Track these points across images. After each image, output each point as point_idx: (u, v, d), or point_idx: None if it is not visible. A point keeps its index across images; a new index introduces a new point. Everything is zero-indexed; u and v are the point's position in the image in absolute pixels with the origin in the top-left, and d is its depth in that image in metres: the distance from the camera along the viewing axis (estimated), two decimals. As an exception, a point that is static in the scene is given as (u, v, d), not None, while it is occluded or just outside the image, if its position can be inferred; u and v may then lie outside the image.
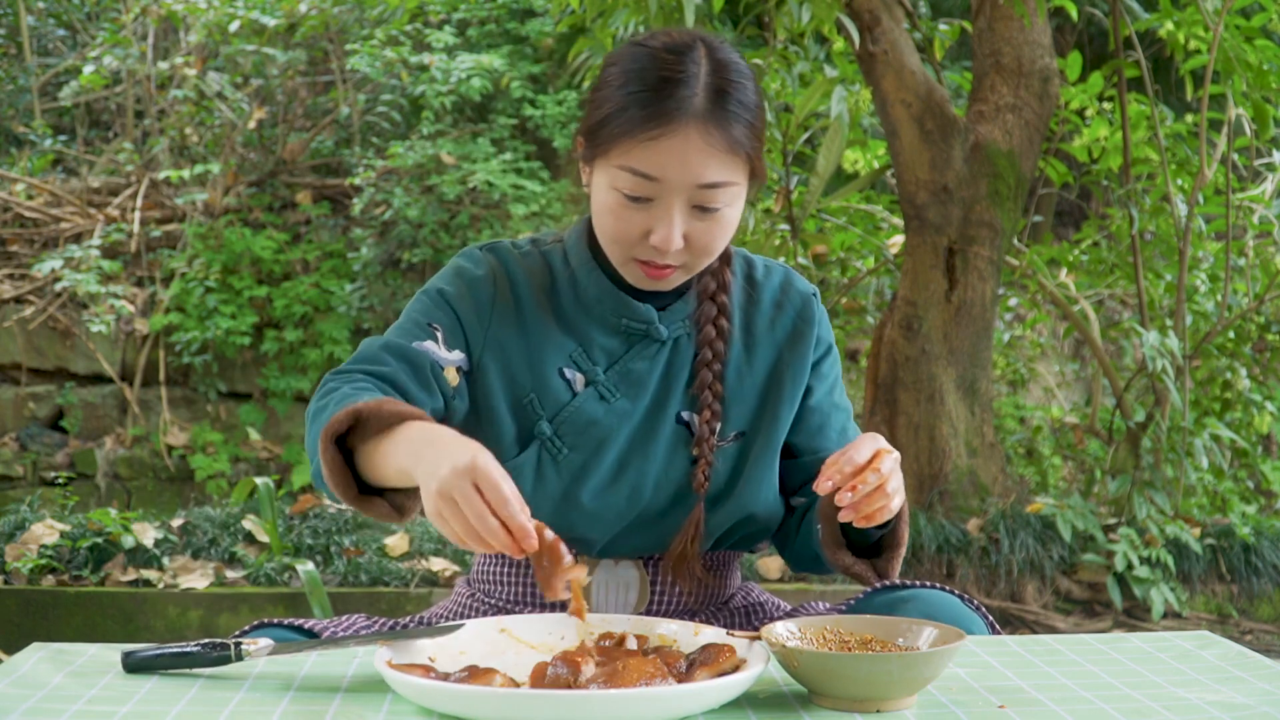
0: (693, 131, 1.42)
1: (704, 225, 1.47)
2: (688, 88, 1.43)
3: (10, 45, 7.31)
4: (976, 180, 4.29)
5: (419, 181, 6.13)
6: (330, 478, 1.39)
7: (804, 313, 1.64)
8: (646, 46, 1.48)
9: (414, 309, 1.57)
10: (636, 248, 1.49)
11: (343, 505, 1.46)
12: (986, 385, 4.44)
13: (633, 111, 1.43)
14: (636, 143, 1.43)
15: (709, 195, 1.45)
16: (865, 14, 4.19)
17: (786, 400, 1.61)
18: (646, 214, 1.46)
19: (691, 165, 1.42)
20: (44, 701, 1.19)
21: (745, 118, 1.46)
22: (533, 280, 1.59)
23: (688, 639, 1.34)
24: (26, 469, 5.81)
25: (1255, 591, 4.21)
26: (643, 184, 1.44)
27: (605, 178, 1.47)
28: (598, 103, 1.49)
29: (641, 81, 1.44)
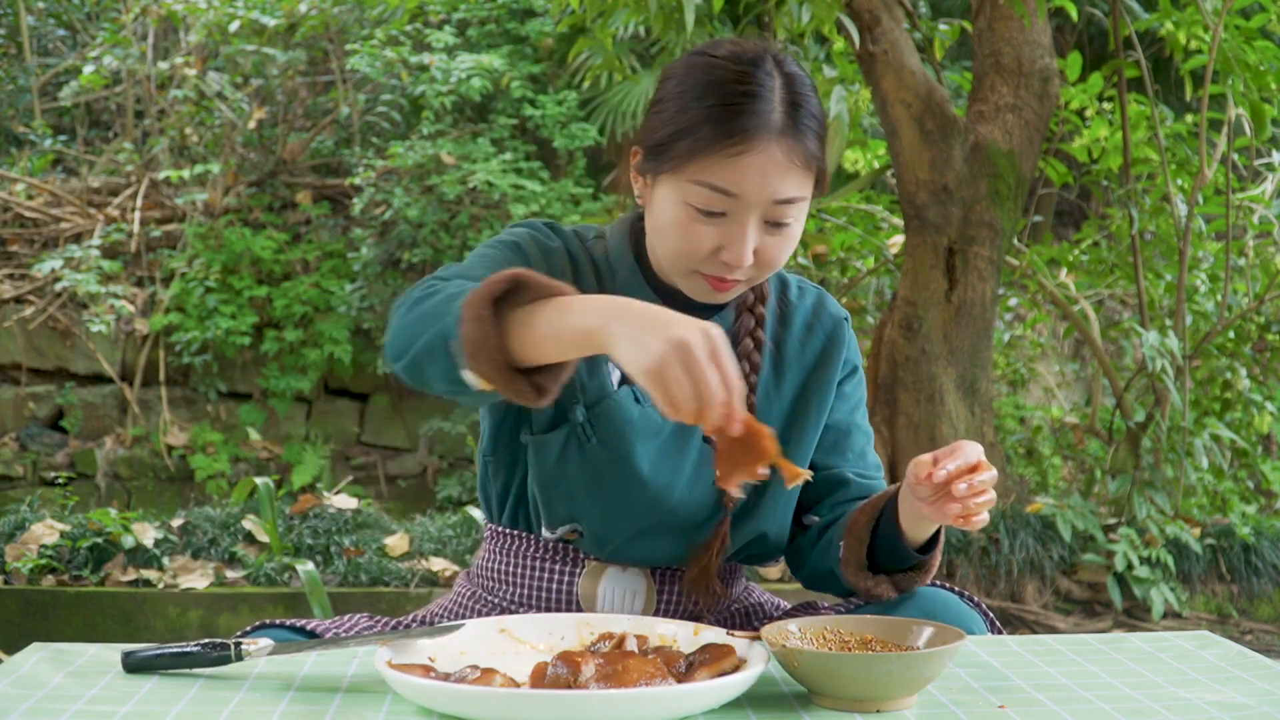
0: (774, 147, 1.40)
1: (774, 240, 1.45)
2: (766, 102, 1.41)
3: (10, 45, 7.31)
4: (976, 180, 4.29)
5: (419, 181, 6.13)
6: (476, 346, 1.24)
7: (834, 336, 1.63)
8: (714, 57, 1.45)
9: (494, 252, 1.50)
10: (704, 263, 1.46)
11: (467, 383, 1.27)
12: (986, 385, 4.44)
13: (711, 127, 1.40)
14: (717, 158, 1.39)
15: (783, 211, 1.43)
16: (865, 14, 4.19)
17: (812, 425, 1.61)
18: (718, 229, 1.43)
19: (771, 181, 1.40)
20: (44, 701, 1.19)
21: (815, 129, 1.44)
22: (587, 267, 1.57)
23: (688, 639, 1.34)
24: (26, 469, 5.81)
25: (1255, 591, 4.21)
26: (719, 199, 1.41)
27: (675, 192, 1.44)
28: (665, 116, 1.45)
29: (717, 95, 1.41)
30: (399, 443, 6.34)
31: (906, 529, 1.49)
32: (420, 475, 6.34)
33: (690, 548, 1.57)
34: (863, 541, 1.52)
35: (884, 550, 1.53)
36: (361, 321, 6.08)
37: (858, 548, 1.53)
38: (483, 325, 1.24)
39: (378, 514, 4.19)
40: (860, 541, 1.53)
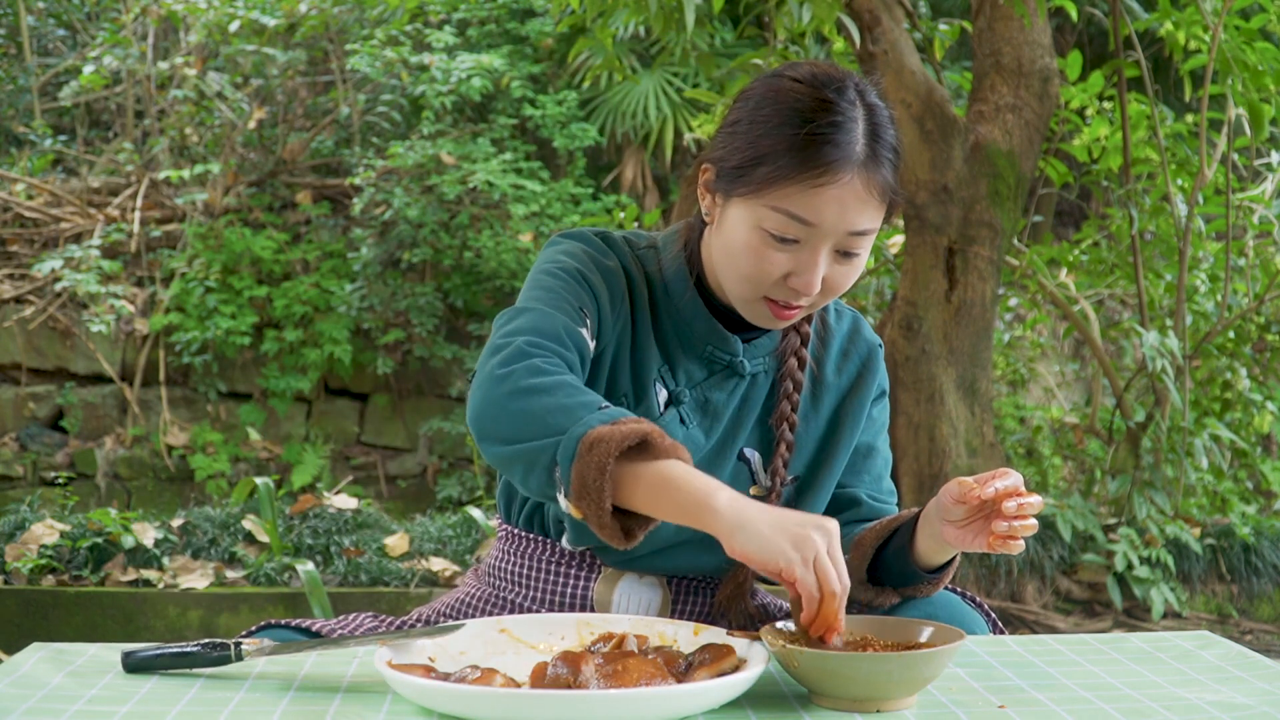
0: (856, 180, 1.40)
1: (842, 269, 1.45)
2: (849, 134, 1.40)
3: (10, 45, 7.31)
4: (976, 180, 4.29)
5: (419, 181, 6.13)
6: (586, 489, 1.26)
7: (869, 363, 1.63)
8: (796, 81, 1.44)
9: (562, 286, 1.46)
10: (772, 288, 1.45)
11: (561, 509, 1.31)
12: (986, 385, 4.45)
13: (793, 155, 1.39)
14: (798, 187, 1.38)
15: (855, 241, 1.43)
16: (865, 14, 4.19)
17: (843, 448, 1.61)
18: (790, 256, 1.42)
19: (849, 213, 1.40)
20: (44, 701, 1.19)
21: (893, 162, 1.44)
22: (641, 282, 1.55)
23: (688, 639, 1.34)
24: (26, 469, 5.81)
25: (1255, 591, 4.21)
26: (795, 227, 1.40)
27: (750, 215, 1.43)
28: (743, 138, 1.43)
29: (800, 123, 1.40)
30: (399, 443, 6.34)
31: (922, 552, 1.47)
32: (420, 475, 6.35)
33: (713, 561, 1.55)
34: (866, 557, 1.52)
35: (889, 569, 1.52)
36: (361, 321, 6.08)
37: (860, 563, 1.52)
38: (602, 476, 1.25)
39: (378, 514, 4.19)
40: (864, 557, 1.52)
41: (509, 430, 1.31)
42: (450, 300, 6.27)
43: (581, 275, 1.48)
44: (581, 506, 1.27)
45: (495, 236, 6.03)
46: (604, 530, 1.29)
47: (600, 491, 1.25)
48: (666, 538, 1.53)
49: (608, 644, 1.32)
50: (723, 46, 6.43)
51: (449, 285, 6.23)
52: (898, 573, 1.51)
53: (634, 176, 6.84)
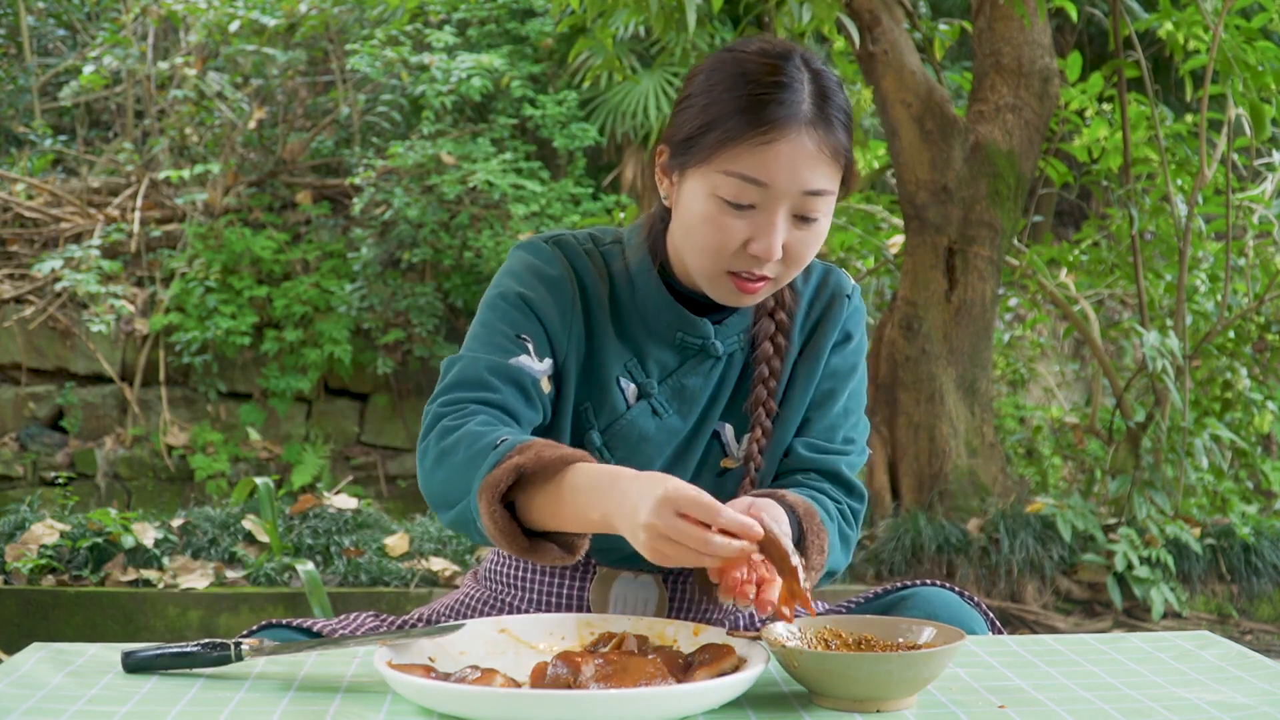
0: (805, 137, 1.40)
1: (801, 235, 1.44)
2: (795, 93, 1.41)
3: (10, 45, 7.31)
4: (976, 180, 4.29)
5: (419, 181, 6.13)
6: (498, 535, 1.33)
7: (829, 311, 1.59)
8: (743, 52, 1.45)
9: (498, 317, 1.50)
10: (733, 258, 1.44)
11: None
12: (986, 385, 4.45)
13: (741, 116, 1.40)
14: (747, 147, 1.39)
15: (811, 203, 1.42)
16: (865, 14, 4.19)
17: (795, 406, 1.57)
18: (747, 222, 1.42)
19: (801, 171, 1.40)
20: (44, 701, 1.19)
21: (844, 122, 1.44)
22: (598, 282, 1.54)
23: (688, 639, 1.34)
24: (26, 469, 5.81)
25: (1255, 591, 4.21)
26: (749, 190, 1.40)
27: (704, 185, 1.43)
28: (692, 110, 1.44)
29: (747, 86, 1.41)
30: (399, 443, 6.34)
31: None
32: (420, 475, 6.33)
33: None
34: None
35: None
36: (361, 321, 6.08)
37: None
38: (497, 522, 1.33)
39: (378, 514, 4.19)
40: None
41: (441, 498, 1.40)
42: (450, 300, 6.27)
43: (521, 299, 1.49)
44: (505, 548, 1.35)
45: (495, 236, 6.03)
46: (541, 559, 1.36)
47: (508, 535, 1.34)
48: None
49: (608, 644, 1.32)
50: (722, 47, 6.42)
51: (449, 285, 6.24)
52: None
53: (634, 176, 6.84)
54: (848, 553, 1.55)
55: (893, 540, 4.15)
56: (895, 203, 4.82)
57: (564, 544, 1.37)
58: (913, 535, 4.13)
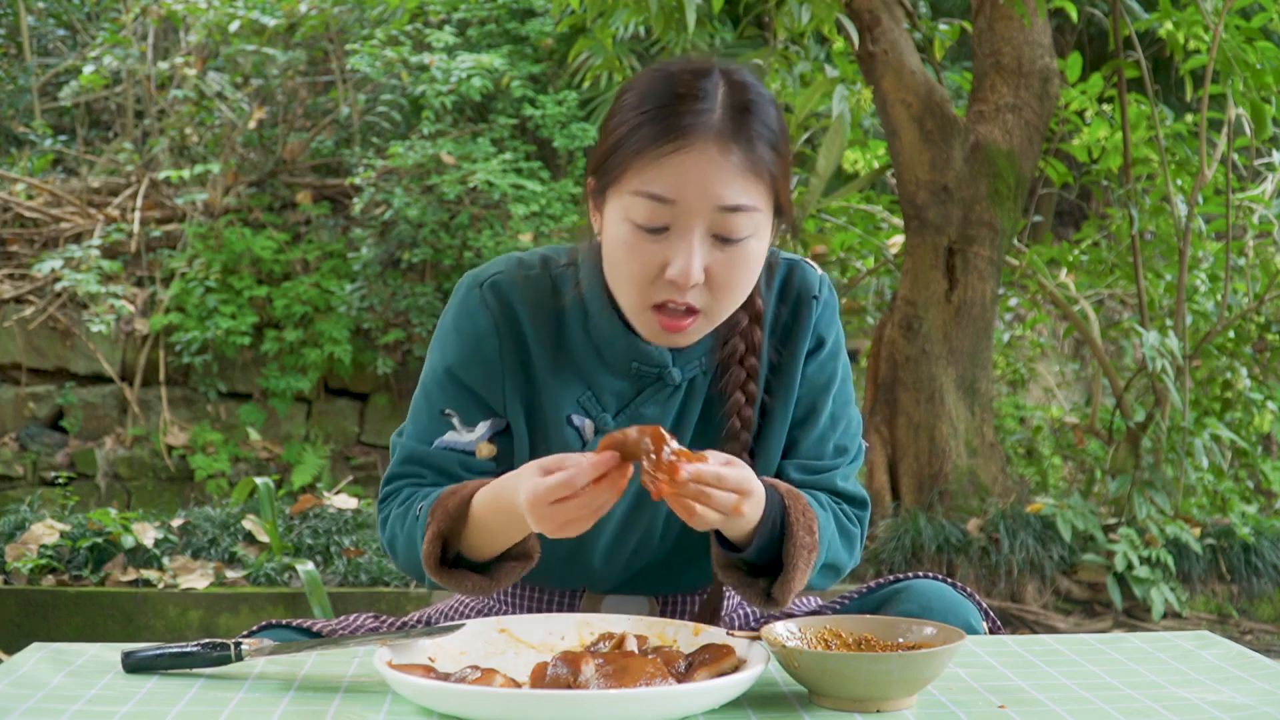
0: (711, 146, 1.31)
1: (725, 257, 1.34)
2: (704, 103, 1.33)
3: (10, 45, 7.31)
4: (976, 180, 4.29)
5: (419, 181, 6.13)
6: (469, 590, 1.42)
7: (798, 320, 1.50)
8: (661, 69, 1.39)
9: (424, 396, 1.50)
10: (653, 287, 1.35)
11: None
12: (986, 385, 4.44)
13: (646, 129, 1.33)
14: (650, 161, 1.31)
15: (730, 221, 1.33)
16: (865, 14, 4.19)
17: (776, 429, 1.50)
18: (664, 245, 1.33)
19: (710, 184, 1.31)
20: (44, 701, 1.19)
21: (768, 138, 1.35)
22: (540, 315, 1.47)
23: (688, 639, 1.34)
24: (26, 469, 5.81)
25: (1255, 591, 4.21)
26: (659, 210, 1.32)
27: (618, 210, 1.35)
28: (609, 131, 1.38)
29: (656, 100, 1.34)
30: (399, 443, 6.33)
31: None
32: (420, 475, 6.33)
33: (699, 575, 1.54)
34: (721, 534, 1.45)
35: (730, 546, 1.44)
36: (361, 321, 6.08)
37: (720, 543, 1.44)
38: (459, 584, 1.42)
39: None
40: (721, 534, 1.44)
41: (401, 562, 1.49)
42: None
43: (445, 374, 1.48)
44: (484, 595, 1.44)
45: (495, 236, 6.03)
46: (499, 586, 1.43)
47: (475, 587, 1.42)
48: (651, 558, 1.53)
49: (608, 644, 1.32)
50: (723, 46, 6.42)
51: (449, 285, 6.23)
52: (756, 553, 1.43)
53: (634, 176, 6.83)
54: (852, 550, 1.51)
55: (893, 540, 4.15)
56: (895, 203, 4.82)
57: (518, 555, 1.43)
58: (913, 535, 4.13)
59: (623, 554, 1.52)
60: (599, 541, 1.51)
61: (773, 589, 1.41)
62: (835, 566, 1.49)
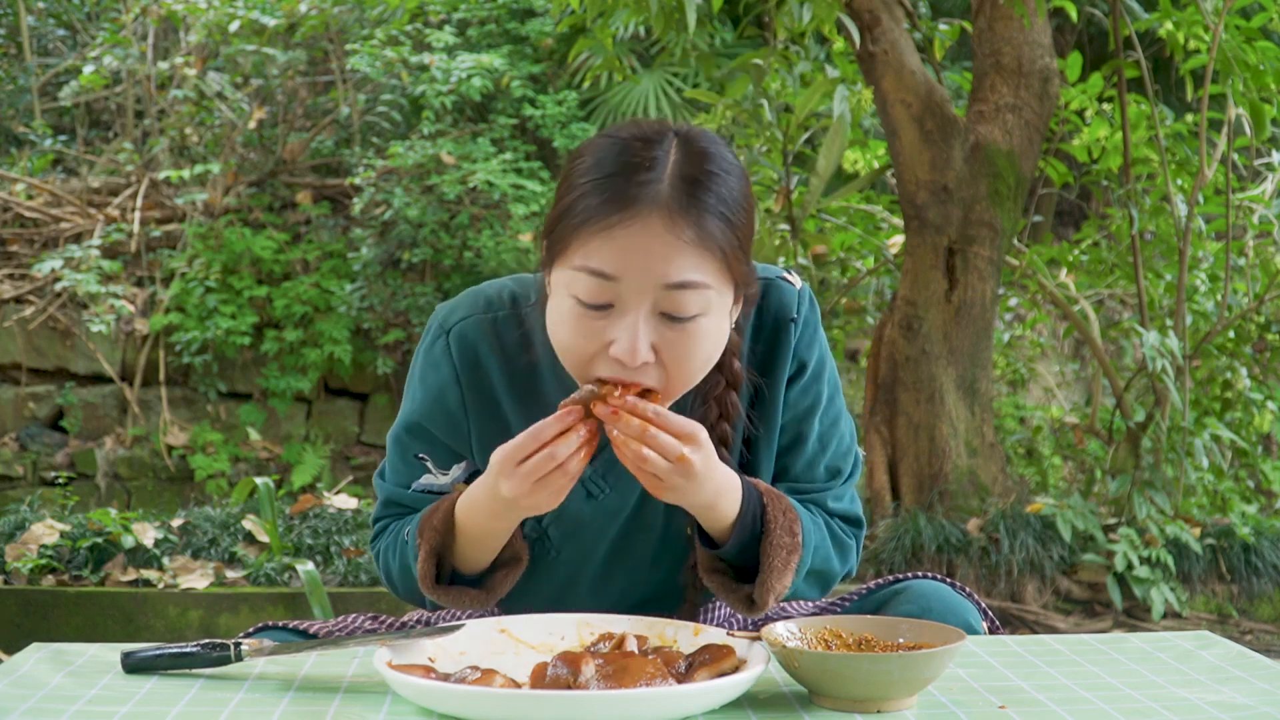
0: (655, 221, 1.24)
1: (675, 336, 1.27)
2: (653, 173, 1.25)
3: (10, 45, 7.31)
4: (976, 180, 4.29)
5: (419, 181, 6.13)
6: (470, 605, 1.45)
7: (775, 346, 1.44)
8: (614, 136, 1.32)
9: (395, 442, 1.51)
10: (594, 364, 1.29)
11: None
12: (986, 385, 4.44)
13: (591, 200, 1.25)
14: (593, 235, 1.24)
15: (677, 299, 1.25)
16: (865, 14, 4.19)
17: (765, 453, 1.47)
18: (609, 323, 1.27)
19: (655, 261, 1.24)
20: (44, 701, 1.19)
21: (721, 211, 1.27)
22: (508, 362, 1.44)
23: (688, 639, 1.34)
24: (26, 469, 5.81)
25: (1255, 591, 4.21)
26: (601, 287, 1.25)
27: (563, 283, 1.29)
28: (558, 199, 1.32)
29: (603, 169, 1.27)
30: (399, 443, 6.32)
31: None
32: (420, 475, 6.33)
33: (681, 610, 1.54)
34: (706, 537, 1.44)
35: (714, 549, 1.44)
36: (361, 321, 6.08)
37: (704, 547, 1.44)
38: (459, 600, 1.45)
39: (378, 514, 4.18)
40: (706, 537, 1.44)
41: (401, 591, 1.54)
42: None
43: (415, 426, 1.49)
44: (486, 606, 1.47)
45: (495, 236, 6.03)
46: (499, 594, 1.47)
47: (474, 601, 1.45)
48: (641, 594, 1.53)
49: (608, 644, 1.32)
50: (723, 46, 6.43)
51: (449, 285, 6.23)
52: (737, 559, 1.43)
53: (634, 176, 6.83)
54: (845, 559, 1.50)
55: (893, 540, 4.15)
56: (895, 203, 4.82)
57: (507, 561, 1.45)
58: (913, 535, 4.13)
59: (612, 589, 1.52)
60: (587, 573, 1.51)
61: (754, 591, 1.40)
62: (824, 574, 1.48)
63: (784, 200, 4.37)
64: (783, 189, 4.38)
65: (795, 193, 4.40)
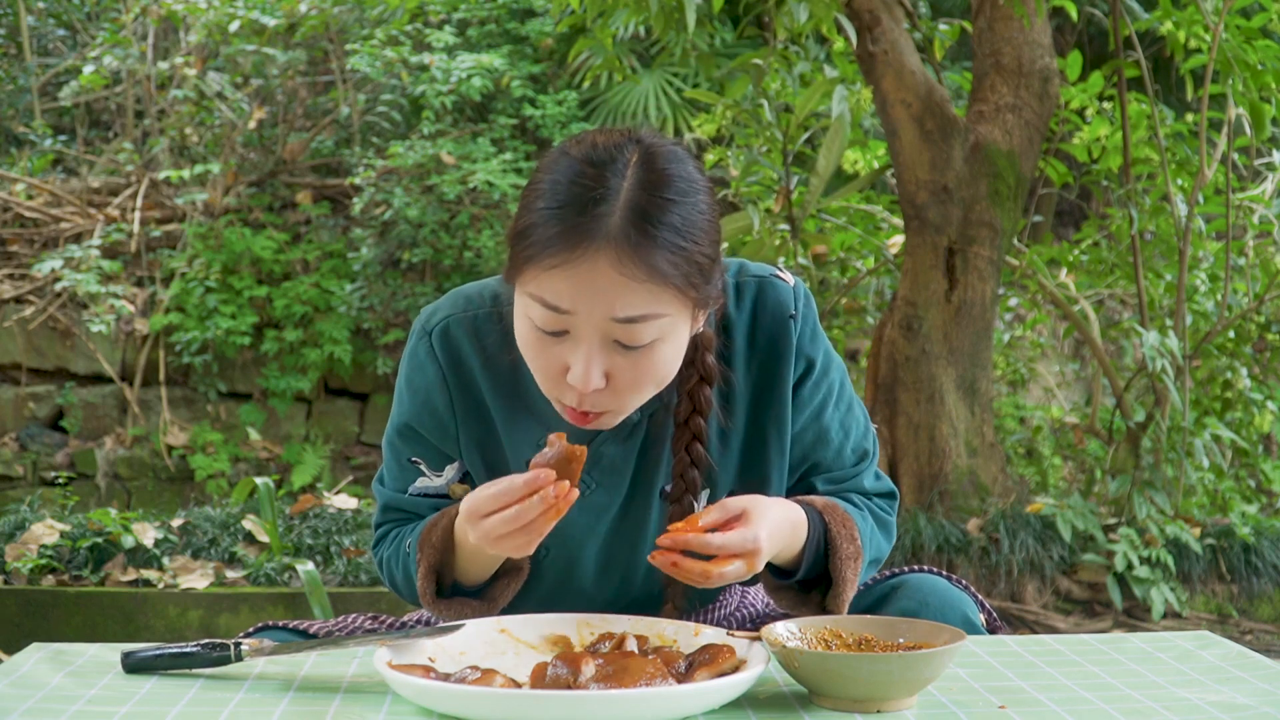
0: (602, 259, 1.22)
1: (629, 362, 1.28)
2: (604, 205, 1.23)
3: (10, 45, 7.31)
4: (976, 180, 4.29)
5: (419, 181, 6.13)
6: (472, 615, 1.45)
7: (778, 344, 1.43)
8: (573, 151, 1.29)
9: (389, 447, 1.52)
10: (558, 386, 1.31)
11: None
12: (986, 385, 4.44)
13: (543, 231, 1.24)
14: (543, 269, 1.24)
15: (630, 331, 1.25)
16: (865, 14, 4.19)
17: (773, 459, 1.46)
18: (564, 348, 1.28)
19: (604, 297, 1.23)
20: (44, 701, 1.19)
21: (674, 243, 1.24)
22: (490, 360, 1.44)
23: (688, 639, 1.34)
24: (26, 469, 5.81)
25: (1255, 591, 4.21)
26: (553, 316, 1.26)
27: (521, 306, 1.30)
28: (518, 216, 1.31)
29: (556, 196, 1.26)
30: (399, 443, 6.32)
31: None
32: (420, 475, 6.33)
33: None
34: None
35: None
36: (361, 321, 6.08)
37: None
38: (445, 610, 1.46)
39: (378, 514, 4.18)
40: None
41: (403, 593, 1.55)
42: (450, 300, 6.26)
43: (405, 428, 1.49)
44: (487, 615, 1.46)
45: (495, 236, 6.03)
46: (509, 595, 1.48)
47: (474, 611, 1.45)
48: (639, 591, 1.52)
49: (608, 644, 1.32)
50: (723, 46, 6.43)
51: (449, 285, 6.24)
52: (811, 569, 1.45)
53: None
54: (889, 536, 1.56)
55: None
56: (895, 203, 4.82)
57: (508, 571, 1.47)
58: (913, 535, 4.13)
59: (607, 586, 1.52)
60: (579, 572, 1.51)
61: (827, 602, 1.44)
62: (877, 560, 1.54)
63: (784, 200, 4.37)
64: (783, 189, 4.38)
65: (795, 193, 4.40)
